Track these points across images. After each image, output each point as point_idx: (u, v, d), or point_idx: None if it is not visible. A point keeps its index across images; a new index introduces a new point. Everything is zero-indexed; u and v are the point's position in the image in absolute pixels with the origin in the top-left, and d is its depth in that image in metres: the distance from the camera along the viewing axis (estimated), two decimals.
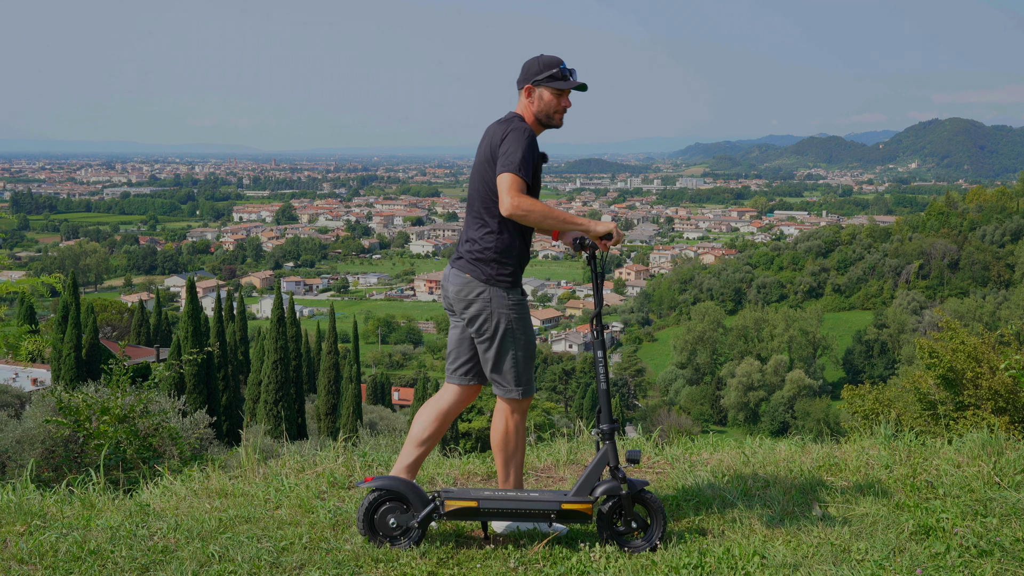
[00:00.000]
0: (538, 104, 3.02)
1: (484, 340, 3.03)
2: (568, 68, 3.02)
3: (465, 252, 3.05)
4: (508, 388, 3.05)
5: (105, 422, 4.71)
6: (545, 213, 2.90)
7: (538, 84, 3.00)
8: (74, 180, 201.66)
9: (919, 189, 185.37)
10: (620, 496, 2.91)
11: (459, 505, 2.88)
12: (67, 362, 23.22)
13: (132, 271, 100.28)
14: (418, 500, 2.92)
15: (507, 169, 2.88)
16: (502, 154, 2.91)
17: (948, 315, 6.48)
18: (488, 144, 3.00)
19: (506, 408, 3.08)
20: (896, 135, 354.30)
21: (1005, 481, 3.52)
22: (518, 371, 3.04)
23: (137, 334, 36.43)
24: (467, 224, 3.11)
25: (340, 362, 28.58)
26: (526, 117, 3.04)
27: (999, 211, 74.77)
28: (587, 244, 3.04)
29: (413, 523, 2.91)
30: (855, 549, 2.87)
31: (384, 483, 2.94)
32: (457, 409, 3.16)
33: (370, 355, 58.27)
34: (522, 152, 2.89)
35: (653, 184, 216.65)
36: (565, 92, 3.01)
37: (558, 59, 3.02)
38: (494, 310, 2.99)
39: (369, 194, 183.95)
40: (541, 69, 3.00)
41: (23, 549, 2.81)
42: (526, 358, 3.05)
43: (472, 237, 3.05)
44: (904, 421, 5.56)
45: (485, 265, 3.00)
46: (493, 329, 3.01)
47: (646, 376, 58.48)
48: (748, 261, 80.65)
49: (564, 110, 3.04)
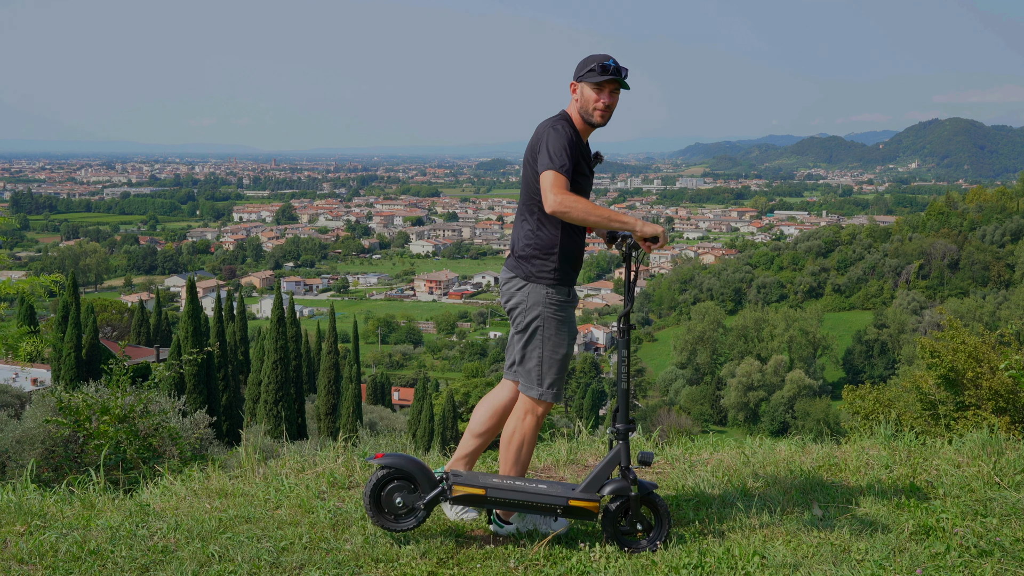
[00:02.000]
0: (581, 101, 3.01)
1: (517, 332, 3.07)
2: (613, 64, 2.97)
3: (515, 249, 3.09)
4: (528, 385, 3.04)
5: (105, 422, 4.71)
6: (588, 210, 2.87)
7: (580, 80, 2.99)
8: (74, 180, 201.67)
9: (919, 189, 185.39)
10: (629, 497, 2.90)
11: (467, 491, 2.87)
12: (67, 362, 23.21)
13: (132, 271, 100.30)
14: (427, 481, 2.91)
15: (548, 167, 2.89)
16: (542, 152, 2.92)
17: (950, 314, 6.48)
18: (533, 142, 3.01)
19: (524, 407, 3.06)
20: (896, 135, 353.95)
21: (1005, 481, 3.52)
22: (542, 371, 3.01)
23: (137, 334, 36.44)
24: (515, 222, 3.16)
25: (340, 362, 28.57)
26: (572, 114, 3.04)
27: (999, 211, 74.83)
28: (628, 242, 2.98)
29: (419, 504, 2.90)
30: (855, 549, 2.87)
31: (394, 461, 2.92)
32: (512, 405, 3.15)
33: (370, 355, 58.29)
34: (561, 148, 2.89)
35: (653, 184, 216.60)
36: (604, 88, 2.97)
37: (605, 56, 3.00)
38: (531, 305, 3.00)
39: (369, 194, 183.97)
40: (584, 65, 3.00)
41: (23, 549, 2.82)
42: (552, 360, 3.01)
43: (518, 234, 3.10)
44: (904, 421, 5.56)
45: (526, 262, 3.02)
46: (526, 324, 3.02)
47: (646, 376, 58.51)
48: (748, 261, 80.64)
49: (605, 108, 2.99)
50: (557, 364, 3.02)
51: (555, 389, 3.03)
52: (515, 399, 3.14)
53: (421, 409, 29.28)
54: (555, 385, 3.03)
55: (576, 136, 2.99)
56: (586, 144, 3.08)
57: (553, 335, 3.01)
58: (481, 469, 3.91)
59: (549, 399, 3.04)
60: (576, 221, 2.91)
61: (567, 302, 3.05)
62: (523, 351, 3.04)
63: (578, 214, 2.88)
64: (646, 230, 2.93)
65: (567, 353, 3.05)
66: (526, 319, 3.01)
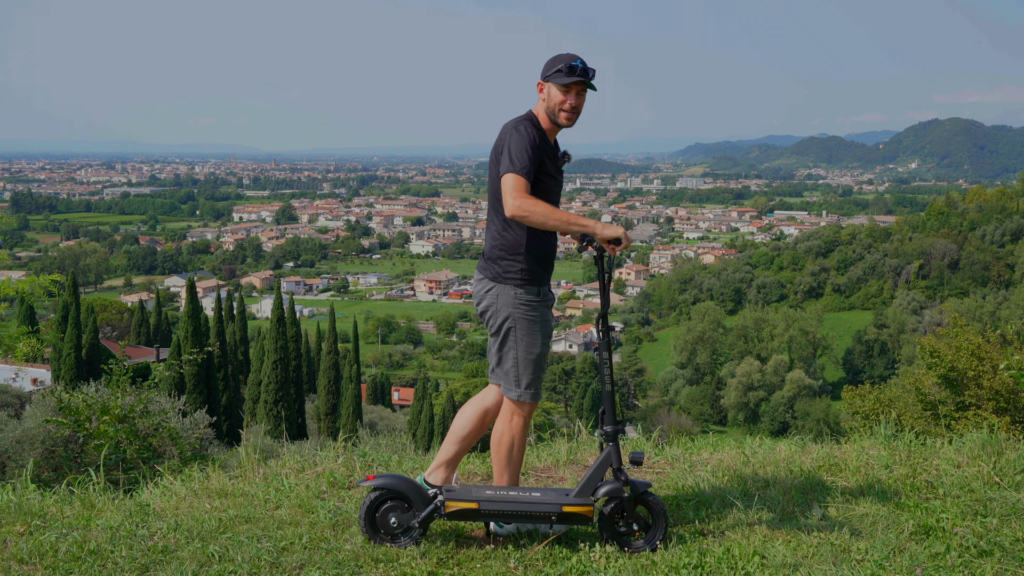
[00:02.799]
0: (548, 100, 2.96)
1: (491, 335, 3.07)
2: (580, 65, 2.90)
3: (485, 251, 3.09)
4: (508, 387, 3.03)
5: (105, 422, 4.71)
6: (547, 214, 2.84)
7: (548, 80, 2.95)
8: (74, 180, 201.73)
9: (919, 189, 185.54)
10: (623, 498, 2.91)
11: (460, 506, 2.88)
12: (67, 362, 23.22)
13: (132, 271, 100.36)
14: (419, 499, 2.92)
15: (508, 170, 2.86)
16: (504, 155, 2.89)
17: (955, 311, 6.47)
18: (498, 143, 2.98)
19: (509, 409, 3.07)
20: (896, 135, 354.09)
21: (1005, 481, 3.52)
22: (519, 371, 3.00)
23: (137, 334, 36.46)
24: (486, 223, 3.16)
25: (340, 362, 28.60)
26: (539, 114, 3.00)
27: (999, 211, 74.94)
28: (595, 244, 2.98)
29: (414, 522, 2.91)
30: (855, 549, 2.88)
31: (386, 482, 2.94)
32: (498, 408, 3.14)
33: (370, 355, 58.31)
34: (523, 150, 2.86)
35: (653, 184, 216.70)
36: (572, 89, 2.92)
37: (573, 56, 2.93)
38: (500, 307, 2.98)
39: (369, 194, 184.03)
40: (551, 65, 2.95)
41: (23, 549, 2.82)
42: (527, 360, 2.99)
43: (486, 236, 3.10)
44: (904, 421, 5.56)
45: (494, 263, 3.01)
46: (497, 325, 3.01)
47: (646, 376, 58.67)
48: (748, 261, 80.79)
49: (572, 109, 2.94)
50: (533, 364, 3.00)
51: (533, 389, 3.02)
52: (500, 403, 3.13)
53: (421, 409, 29.31)
54: (532, 385, 3.02)
55: (541, 137, 2.95)
56: (553, 144, 3.02)
57: (526, 335, 2.98)
58: (480, 469, 3.91)
59: (528, 399, 3.02)
60: (535, 225, 2.88)
61: (538, 301, 3.01)
62: (499, 354, 3.03)
63: (537, 218, 2.85)
64: (606, 232, 2.90)
65: (542, 352, 3.03)
66: (498, 321, 3.00)
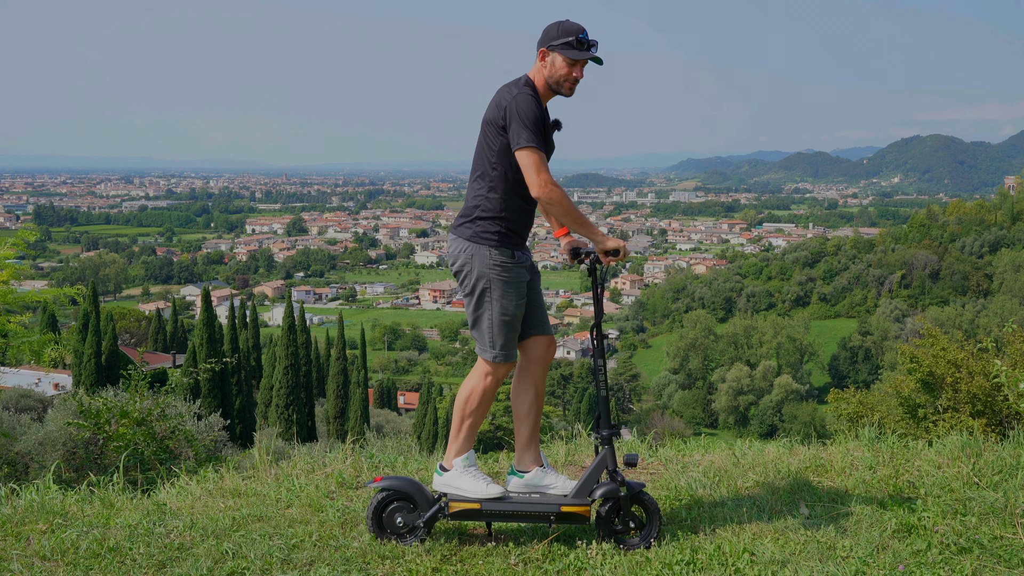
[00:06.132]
0: (550, 69, 2.92)
1: (465, 296, 3.03)
2: (588, 38, 2.89)
3: (463, 211, 3.03)
4: (483, 347, 3.03)
5: (124, 425, 4.86)
6: (567, 210, 2.86)
7: (552, 49, 2.90)
8: (94, 194, 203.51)
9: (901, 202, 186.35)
10: (619, 498, 2.99)
11: (463, 507, 2.98)
12: (87, 367, 23.49)
13: (149, 281, 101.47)
14: (424, 500, 3.01)
15: (528, 143, 2.81)
16: (516, 122, 2.83)
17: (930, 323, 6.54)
18: (495, 106, 2.92)
19: (481, 369, 3.05)
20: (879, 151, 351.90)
21: (983, 481, 3.57)
22: (493, 333, 2.99)
23: (154, 341, 36.88)
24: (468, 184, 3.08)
25: (348, 368, 28.82)
26: (537, 81, 2.95)
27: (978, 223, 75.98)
28: (591, 257, 3.04)
29: (419, 522, 3.00)
30: (840, 546, 2.94)
31: (392, 483, 3.03)
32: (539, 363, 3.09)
33: (377, 361, 58.67)
34: (535, 123, 2.83)
35: (647, 197, 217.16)
36: (579, 63, 2.90)
37: (579, 27, 2.89)
38: (474, 267, 2.95)
39: (376, 207, 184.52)
40: (559, 35, 2.89)
41: (45, 546, 2.92)
42: (502, 321, 2.97)
43: (467, 195, 3.03)
44: (887, 424, 5.62)
45: (471, 223, 2.98)
46: (471, 286, 2.98)
47: (640, 381, 59.30)
48: (738, 271, 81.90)
49: (575, 81, 2.92)
50: (506, 325, 2.98)
51: (506, 351, 3.00)
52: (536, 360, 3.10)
53: (426, 413, 29.52)
54: (507, 347, 3.00)
55: (540, 106, 2.91)
56: (545, 110, 2.99)
57: (500, 297, 2.95)
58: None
59: (501, 360, 3.00)
60: (555, 211, 2.90)
61: (513, 263, 2.97)
62: (474, 314, 3.01)
63: (557, 210, 2.88)
64: (608, 244, 2.94)
65: (516, 315, 3.00)
66: (471, 281, 2.97)
